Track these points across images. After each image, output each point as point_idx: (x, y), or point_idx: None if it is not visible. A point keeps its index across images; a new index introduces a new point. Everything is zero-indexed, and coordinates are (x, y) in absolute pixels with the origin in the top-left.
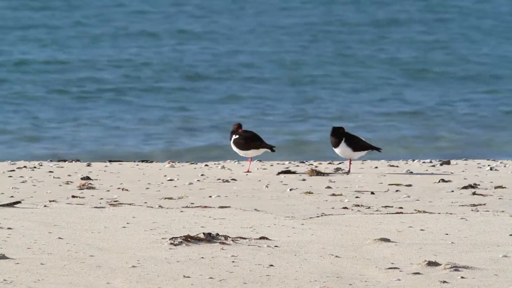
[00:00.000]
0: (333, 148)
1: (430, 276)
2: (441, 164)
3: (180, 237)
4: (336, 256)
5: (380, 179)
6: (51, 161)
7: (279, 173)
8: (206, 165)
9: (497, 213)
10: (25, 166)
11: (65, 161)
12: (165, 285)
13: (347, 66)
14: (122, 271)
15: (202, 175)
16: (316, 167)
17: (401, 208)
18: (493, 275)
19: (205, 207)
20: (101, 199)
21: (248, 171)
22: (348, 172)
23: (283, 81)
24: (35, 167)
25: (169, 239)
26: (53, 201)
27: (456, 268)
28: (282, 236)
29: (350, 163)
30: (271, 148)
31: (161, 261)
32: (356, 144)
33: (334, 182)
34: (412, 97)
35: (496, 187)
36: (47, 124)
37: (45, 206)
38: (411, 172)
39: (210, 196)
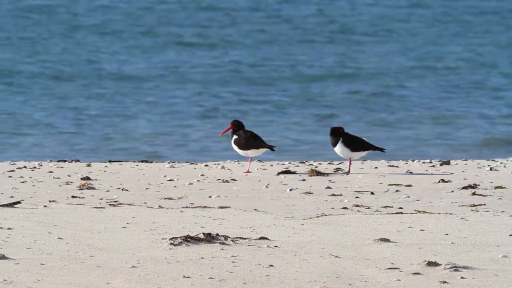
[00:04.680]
0: (333, 148)
1: (430, 276)
2: (441, 164)
3: (180, 237)
4: (336, 256)
5: (380, 179)
6: (51, 161)
7: (279, 173)
8: (206, 165)
9: (497, 213)
10: (25, 166)
11: (65, 161)
12: (165, 285)
13: None
14: (122, 271)
15: (202, 175)
16: (316, 167)
17: (401, 208)
18: (493, 275)
19: (205, 207)
20: (101, 199)
21: (248, 171)
22: (348, 172)
23: None
24: (35, 167)
25: (169, 239)
26: (53, 201)
27: (456, 268)
28: (282, 236)
29: (350, 163)
30: (271, 147)
31: (161, 261)
32: (355, 144)
33: (334, 182)
34: None
35: (496, 187)
36: None
37: (45, 206)
38: (411, 172)
39: (210, 196)
